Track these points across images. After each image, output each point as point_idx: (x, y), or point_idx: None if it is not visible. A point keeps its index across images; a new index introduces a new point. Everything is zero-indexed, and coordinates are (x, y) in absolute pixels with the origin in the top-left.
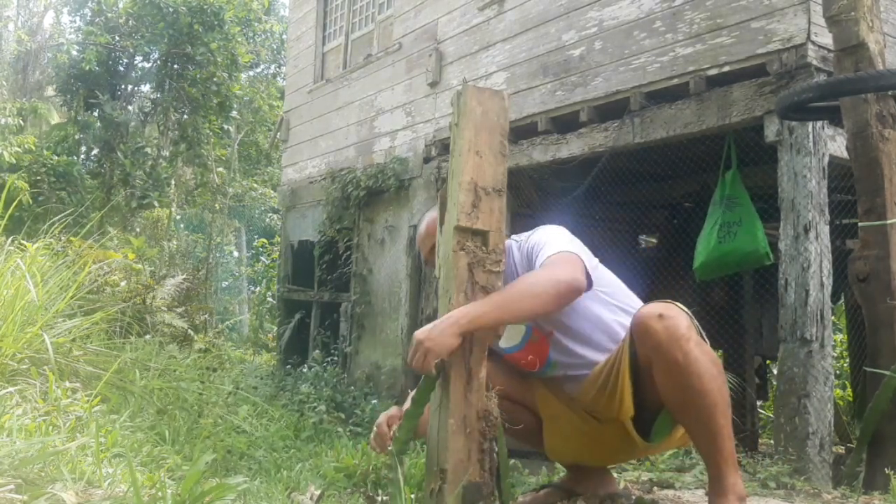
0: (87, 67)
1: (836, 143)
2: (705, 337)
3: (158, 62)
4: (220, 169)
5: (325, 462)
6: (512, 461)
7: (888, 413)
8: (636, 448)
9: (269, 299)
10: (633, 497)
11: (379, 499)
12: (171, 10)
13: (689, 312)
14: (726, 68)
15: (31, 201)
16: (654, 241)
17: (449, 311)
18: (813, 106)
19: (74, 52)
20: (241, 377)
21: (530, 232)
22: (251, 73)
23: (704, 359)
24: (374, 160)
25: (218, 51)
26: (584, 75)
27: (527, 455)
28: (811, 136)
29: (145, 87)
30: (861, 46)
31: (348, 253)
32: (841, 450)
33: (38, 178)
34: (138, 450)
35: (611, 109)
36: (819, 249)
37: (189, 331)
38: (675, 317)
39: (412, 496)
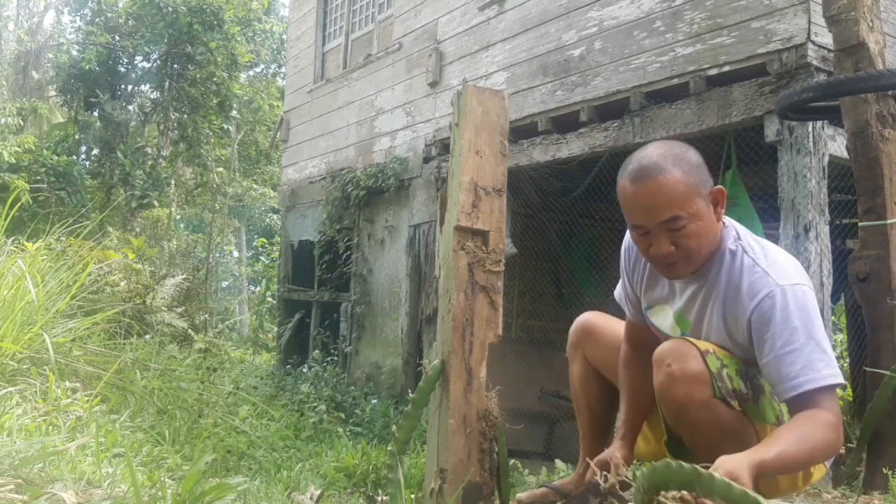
0: (87, 67)
1: (836, 143)
2: (724, 381)
3: (158, 62)
4: (220, 169)
5: (325, 462)
6: (512, 461)
7: (888, 413)
8: None
9: (269, 299)
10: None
11: (379, 499)
12: (170, 9)
13: (704, 353)
14: (726, 68)
15: (30, 201)
16: None
17: (449, 310)
18: (813, 106)
19: (74, 52)
20: (241, 377)
21: (767, 275)
22: (251, 73)
23: (705, 415)
24: (374, 160)
25: (218, 50)
26: (584, 75)
27: (527, 455)
28: (811, 136)
29: (145, 87)
30: (861, 46)
31: (348, 253)
32: (841, 450)
33: (38, 178)
34: (138, 450)
35: (611, 109)
36: (819, 249)
37: (189, 331)
38: (682, 368)
39: (412, 496)
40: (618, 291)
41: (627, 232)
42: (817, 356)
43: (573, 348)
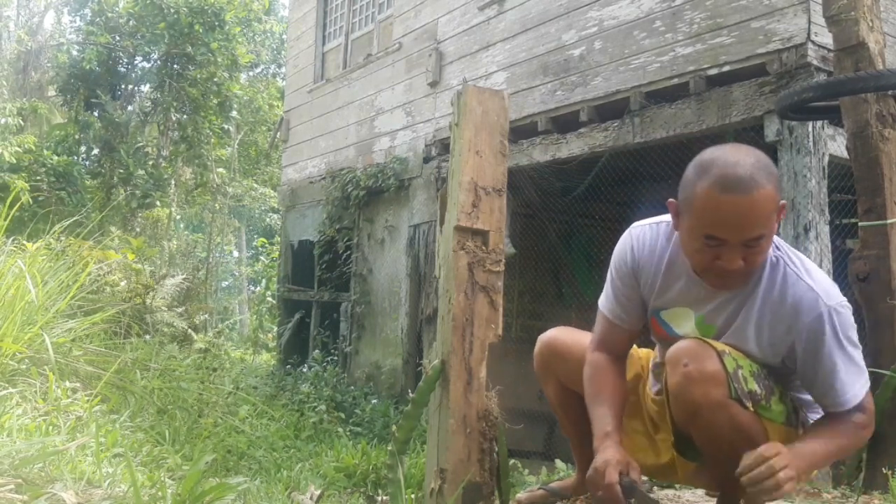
0: (88, 67)
1: (836, 143)
2: (740, 382)
3: (159, 62)
4: (220, 169)
5: (325, 462)
6: (512, 461)
7: (888, 413)
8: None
9: (269, 299)
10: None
11: (379, 499)
12: (171, 10)
13: (722, 354)
14: (726, 68)
15: (30, 201)
16: None
17: (449, 310)
18: (813, 106)
19: (75, 52)
20: (241, 377)
21: (813, 290)
22: (251, 73)
23: (721, 415)
24: (374, 160)
25: (218, 51)
26: (584, 75)
27: (527, 455)
28: (811, 136)
29: (145, 87)
30: (861, 46)
31: (348, 253)
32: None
33: (38, 178)
34: (138, 450)
35: (611, 109)
36: (819, 249)
37: (189, 331)
38: (700, 369)
39: (412, 496)
40: (604, 301)
41: (630, 233)
42: (858, 372)
43: (543, 371)
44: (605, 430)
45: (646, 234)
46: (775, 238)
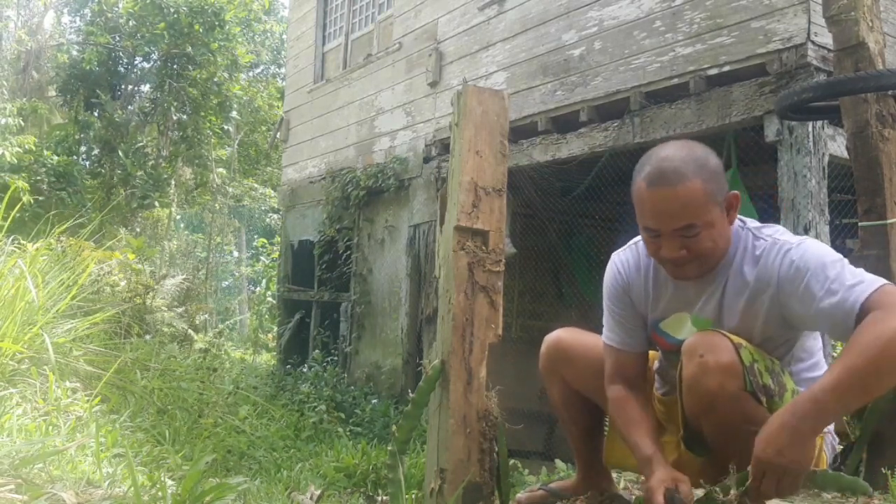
0: (88, 67)
1: (836, 143)
2: (756, 375)
3: (159, 62)
4: (220, 169)
5: (325, 462)
6: (512, 461)
7: (888, 413)
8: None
9: (269, 299)
10: (633, 497)
11: (379, 499)
12: (171, 10)
13: (737, 346)
14: (726, 68)
15: (31, 201)
16: None
17: (449, 310)
18: (813, 106)
19: (75, 52)
20: (241, 377)
21: (775, 240)
22: (251, 73)
23: (734, 408)
24: (374, 160)
25: (218, 51)
26: (584, 75)
27: (527, 455)
28: (811, 136)
29: (145, 87)
30: (861, 46)
31: (348, 253)
32: (840, 449)
33: (38, 178)
34: (138, 450)
35: (611, 109)
36: None
37: (189, 331)
38: (716, 359)
39: (412, 496)
40: (607, 333)
41: (613, 260)
42: (853, 276)
43: (549, 372)
44: (646, 455)
45: (627, 256)
46: (742, 219)
